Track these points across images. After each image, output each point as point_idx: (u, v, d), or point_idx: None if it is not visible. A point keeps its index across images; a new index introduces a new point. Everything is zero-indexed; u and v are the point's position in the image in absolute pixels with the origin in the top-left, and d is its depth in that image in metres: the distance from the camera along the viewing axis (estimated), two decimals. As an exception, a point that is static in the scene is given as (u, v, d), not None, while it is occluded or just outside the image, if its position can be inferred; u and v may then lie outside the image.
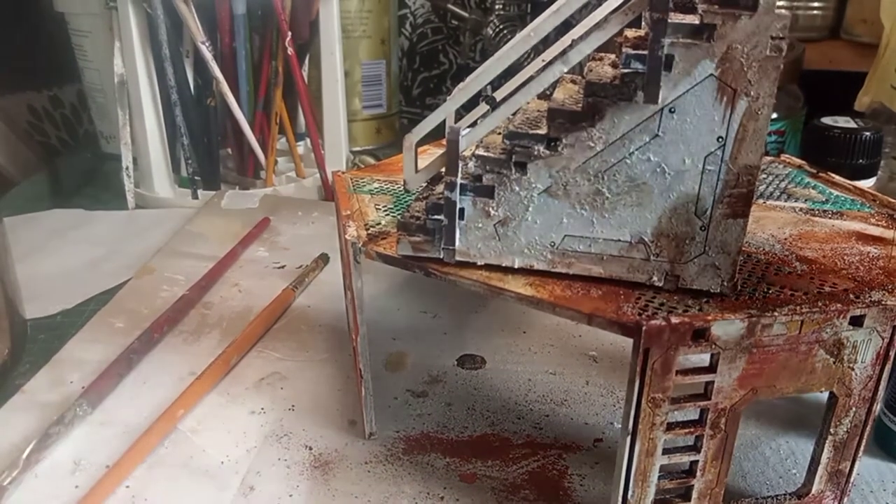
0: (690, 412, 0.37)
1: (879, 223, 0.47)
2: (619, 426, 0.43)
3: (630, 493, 0.37)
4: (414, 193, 0.46)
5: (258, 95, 0.87)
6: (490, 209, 0.38)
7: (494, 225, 0.38)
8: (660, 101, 0.33)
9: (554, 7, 0.35)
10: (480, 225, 0.38)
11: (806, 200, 0.50)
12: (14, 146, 1.04)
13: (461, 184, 0.37)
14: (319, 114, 0.91)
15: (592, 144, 0.35)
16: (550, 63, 0.35)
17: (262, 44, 0.86)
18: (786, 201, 0.50)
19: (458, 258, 0.39)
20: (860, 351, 0.36)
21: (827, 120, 0.66)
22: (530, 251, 0.38)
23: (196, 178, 0.87)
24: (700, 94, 0.33)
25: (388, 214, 0.46)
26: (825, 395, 0.38)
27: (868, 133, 0.64)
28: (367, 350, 0.45)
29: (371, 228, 0.44)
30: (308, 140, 0.94)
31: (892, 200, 0.49)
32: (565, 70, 0.34)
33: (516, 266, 0.39)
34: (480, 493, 0.43)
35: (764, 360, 0.35)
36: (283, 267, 0.72)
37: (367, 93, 1.07)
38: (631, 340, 0.34)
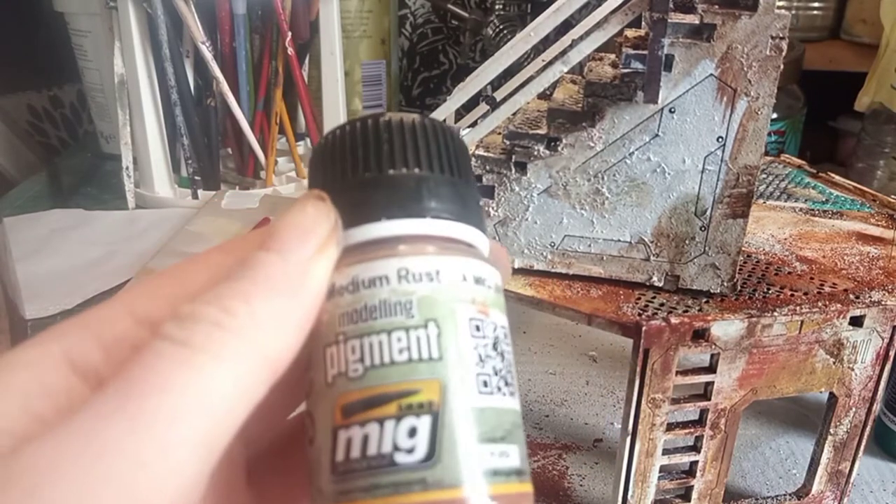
0: (690, 412, 0.37)
1: (879, 223, 0.46)
2: (619, 426, 0.43)
3: (630, 493, 0.37)
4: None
5: (258, 95, 0.87)
6: (490, 209, 0.38)
7: (494, 225, 0.38)
8: (660, 101, 0.33)
9: (554, 7, 0.35)
10: (480, 225, 0.38)
11: (806, 200, 0.50)
12: (14, 146, 1.03)
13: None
14: (319, 114, 0.91)
15: (592, 144, 0.35)
16: (550, 63, 0.35)
17: (262, 44, 0.86)
18: (786, 201, 0.50)
19: (458, 258, 0.39)
20: (860, 351, 0.36)
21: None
22: (530, 251, 0.38)
23: (196, 178, 0.87)
24: (700, 94, 0.33)
25: (388, 214, 0.46)
26: (825, 395, 0.38)
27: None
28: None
29: (371, 228, 0.44)
30: (308, 140, 0.94)
31: (892, 200, 0.49)
32: (565, 70, 0.34)
33: (516, 266, 0.39)
34: (480, 493, 0.43)
35: (764, 361, 0.35)
36: (283, 267, 0.72)
37: (367, 93, 1.07)
38: (631, 340, 0.34)
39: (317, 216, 0.17)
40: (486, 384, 0.16)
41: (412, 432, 0.15)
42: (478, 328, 0.17)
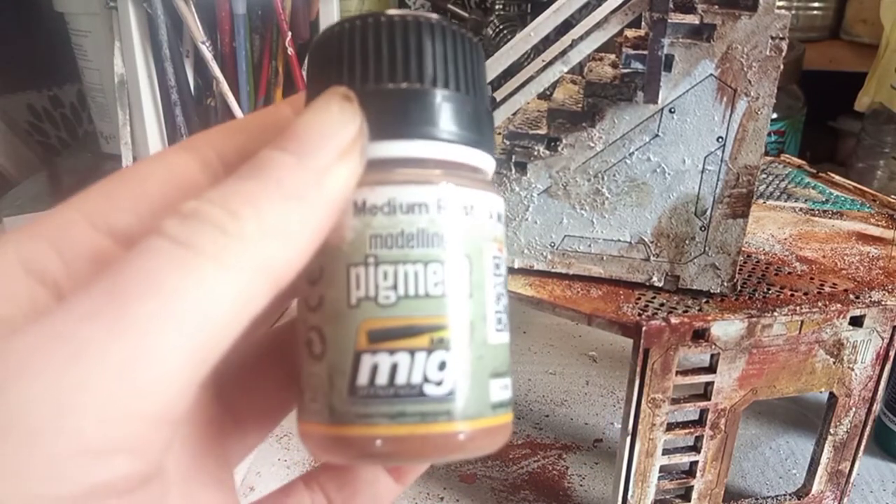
0: (690, 412, 0.37)
1: (879, 223, 0.46)
2: (619, 426, 0.43)
3: (630, 493, 0.37)
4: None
5: (258, 95, 0.87)
6: (490, 209, 0.38)
7: (494, 225, 0.38)
8: (660, 101, 0.33)
9: (554, 7, 0.35)
10: (480, 225, 0.38)
11: (806, 200, 0.50)
12: (14, 146, 1.03)
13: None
14: (319, 114, 0.91)
15: (592, 144, 0.35)
16: (550, 63, 0.35)
17: (262, 44, 0.86)
18: (786, 201, 0.50)
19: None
20: (860, 351, 0.36)
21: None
22: (530, 251, 0.38)
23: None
24: (700, 94, 0.33)
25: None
26: (825, 395, 0.38)
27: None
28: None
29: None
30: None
31: (892, 200, 0.49)
32: (565, 70, 0.34)
33: (516, 266, 0.39)
34: (480, 493, 0.43)
35: (764, 361, 0.35)
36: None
37: (367, 93, 1.07)
38: (631, 340, 0.34)
39: (342, 118, 0.15)
40: (499, 321, 0.17)
41: (442, 366, 0.15)
42: (497, 266, 0.17)
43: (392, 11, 0.16)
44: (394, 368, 0.15)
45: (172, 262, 0.13)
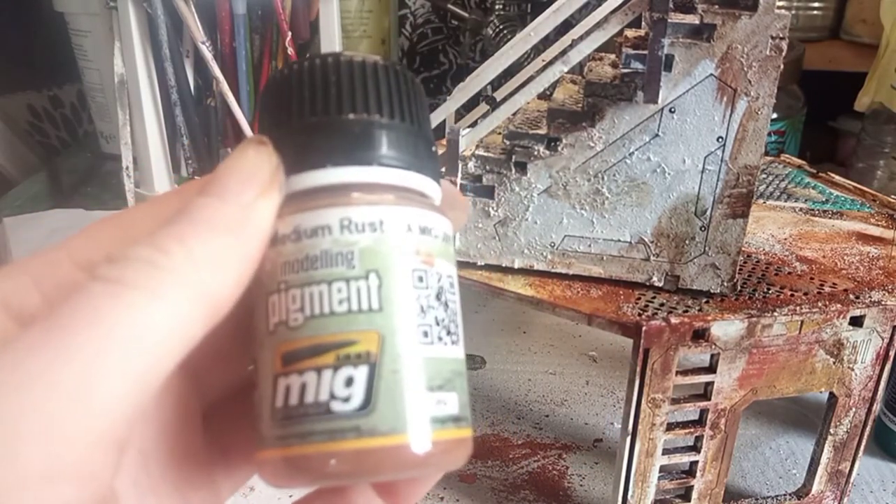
0: (690, 412, 0.37)
1: (879, 223, 0.46)
2: (619, 426, 0.43)
3: (630, 493, 0.37)
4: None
5: (258, 95, 0.87)
6: (490, 209, 0.38)
7: (494, 225, 0.38)
8: (660, 101, 0.33)
9: (554, 7, 0.35)
10: (480, 225, 0.38)
11: (806, 200, 0.50)
12: (14, 146, 1.03)
13: (461, 184, 0.37)
14: (319, 114, 0.90)
15: (592, 144, 0.35)
16: (550, 63, 0.35)
17: (262, 44, 0.86)
18: (786, 201, 0.50)
19: (457, 258, 0.39)
20: (860, 351, 0.36)
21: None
22: (530, 251, 0.38)
23: (196, 178, 0.87)
24: (700, 94, 0.33)
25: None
26: (825, 395, 0.38)
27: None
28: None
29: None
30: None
31: (892, 200, 0.49)
32: (565, 70, 0.34)
33: (516, 266, 0.39)
34: (480, 493, 0.43)
35: (764, 361, 0.35)
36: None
37: (367, 93, 1.07)
38: (631, 340, 0.34)
39: (257, 160, 0.16)
40: (426, 334, 0.16)
41: (349, 382, 0.15)
42: (420, 279, 0.16)
43: (313, 55, 0.17)
44: (303, 388, 0.15)
45: (107, 296, 0.14)
